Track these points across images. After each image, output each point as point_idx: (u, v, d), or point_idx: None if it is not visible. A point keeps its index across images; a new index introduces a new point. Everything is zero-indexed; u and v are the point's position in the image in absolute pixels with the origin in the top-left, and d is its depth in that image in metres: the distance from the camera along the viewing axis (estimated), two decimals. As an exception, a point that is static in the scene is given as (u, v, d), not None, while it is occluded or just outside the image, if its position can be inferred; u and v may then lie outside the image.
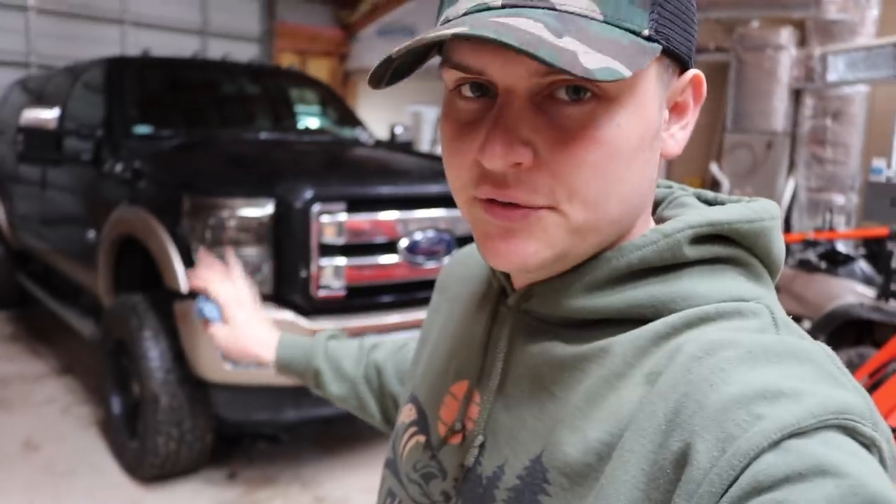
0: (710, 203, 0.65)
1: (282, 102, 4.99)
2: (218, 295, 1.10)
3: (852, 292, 3.74)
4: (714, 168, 6.63)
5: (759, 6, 6.10)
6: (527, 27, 0.48)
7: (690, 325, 0.54)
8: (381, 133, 5.42)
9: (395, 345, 1.03)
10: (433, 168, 3.71)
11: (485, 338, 0.66)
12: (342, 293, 3.03)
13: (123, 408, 3.36)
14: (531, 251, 0.55)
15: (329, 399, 1.05)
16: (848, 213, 5.98)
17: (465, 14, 0.53)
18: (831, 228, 4.60)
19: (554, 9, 0.51)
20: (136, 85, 4.22)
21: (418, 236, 3.22)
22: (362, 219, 3.10)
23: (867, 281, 3.95)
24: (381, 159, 4.07)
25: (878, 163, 5.47)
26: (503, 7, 0.52)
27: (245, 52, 8.19)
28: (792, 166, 6.42)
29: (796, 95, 6.25)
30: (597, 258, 0.58)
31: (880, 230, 4.09)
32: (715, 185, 6.71)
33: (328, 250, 3.01)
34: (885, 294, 3.71)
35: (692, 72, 0.59)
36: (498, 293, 0.68)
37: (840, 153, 5.99)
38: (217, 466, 3.36)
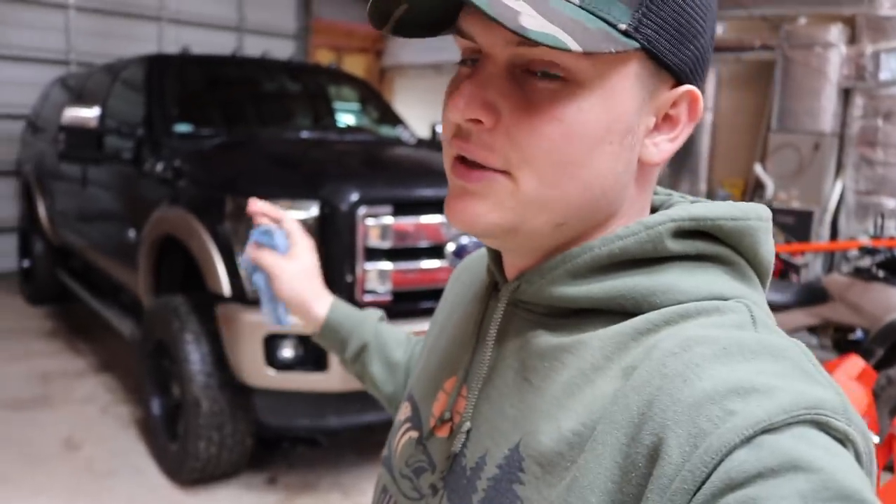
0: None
1: (322, 100, 4.94)
2: (288, 228, 1.04)
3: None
4: (758, 169, 6.48)
5: (807, 2, 5.95)
6: None
7: (670, 321, 0.55)
8: (420, 131, 5.35)
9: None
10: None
11: (475, 331, 0.68)
12: (388, 298, 2.97)
13: (163, 409, 3.33)
14: (479, 212, 0.57)
15: (359, 375, 1.03)
16: (899, 217, 5.81)
17: None
18: (881, 234, 4.46)
19: None
20: (175, 83, 4.18)
21: (464, 240, 3.14)
22: (408, 222, 3.03)
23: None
24: (425, 159, 3.99)
25: (934, 165, 5.30)
26: None
27: (281, 49, 8.16)
28: (840, 168, 6.25)
29: (846, 95, 6.09)
30: (580, 247, 0.59)
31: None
32: (759, 186, 6.56)
33: (374, 254, 2.95)
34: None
35: (686, 87, 0.58)
36: (490, 287, 0.69)
37: (892, 155, 5.83)
38: (257, 471, 3.32)
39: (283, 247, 1.01)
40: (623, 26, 0.53)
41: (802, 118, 6.20)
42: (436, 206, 3.11)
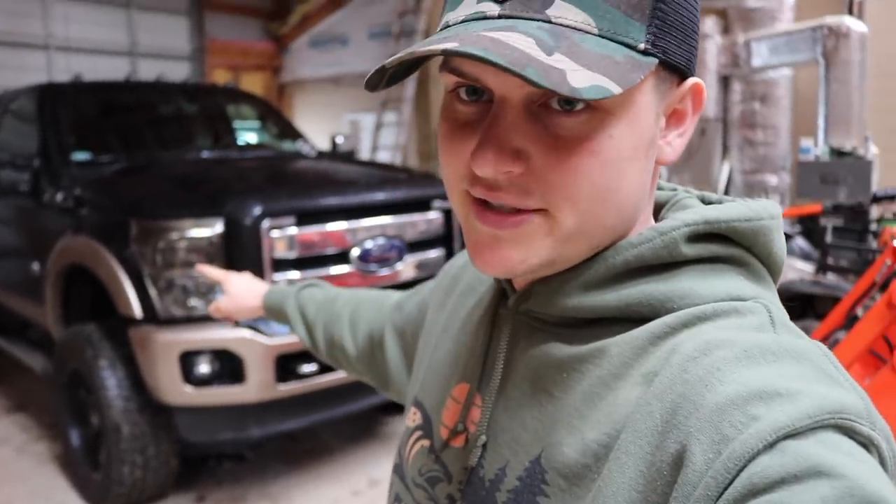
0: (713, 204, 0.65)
1: (221, 120, 4.95)
2: (218, 278, 1.33)
3: (792, 268, 3.88)
4: (651, 157, 6.78)
5: (682, -3, 6.26)
6: (517, 43, 0.49)
7: (687, 324, 0.54)
8: (321, 143, 5.42)
9: (354, 296, 1.15)
10: (378, 175, 3.74)
11: (485, 340, 0.67)
12: (299, 307, 3.03)
13: (83, 440, 3.31)
14: (517, 259, 0.56)
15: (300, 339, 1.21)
16: (782, 193, 6.19)
17: (463, 21, 0.55)
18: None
19: (549, 21, 0.51)
20: (70, 111, 4.14)
21: (369, 244, 3.24)
22: (313, 231, 3.11)
23: (805, 257, 4.11)
24: (326, 170, 4.08)
25: (807, 142, 5.67)
26: (500, 17, 0.53)
27: (177, 71, 8.08)
28: (725, 150, 6.61)
29: (725, 82, 6.44)
30: (594, 257, 0.58)
31: (813, 207, 4.25)
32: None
33: (281, 265, 3.02)
34: (822, 268, 3.87)
35: (692, 80, 0.58)
36: (499, 296, 0.68)
37: (770, 135, 6.20)
38: (185, 491, 3.33)
39: (220, 295, 1.35)
40: (642, 46, 0.52)
41: (687, 106, 6.53)
42: (339, 214, 3.20)
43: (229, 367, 2.91)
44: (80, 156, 3.85)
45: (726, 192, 6.56)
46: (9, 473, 3.57)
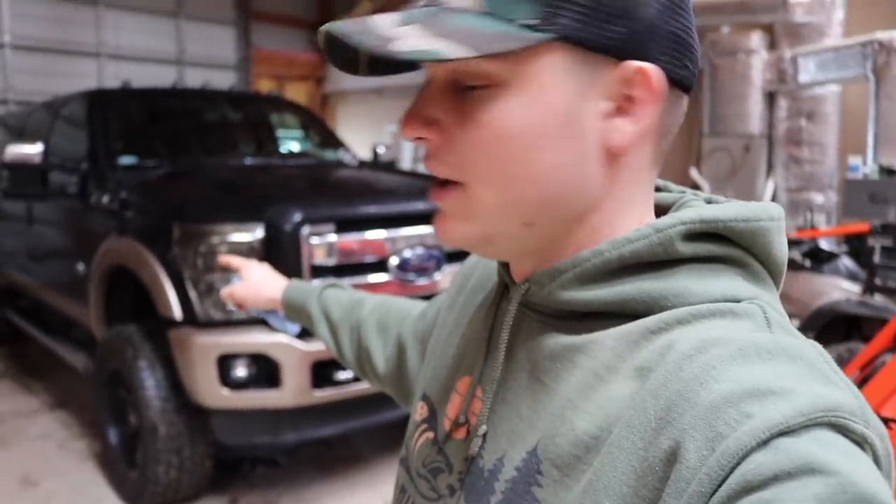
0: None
1: (264, 128, 5.02)
2: (237, 265, 1.33)
3: (838, 289, 3.80)
4: (694, 173, 6.71)
5: (728, 12, 6.20)
6: (378, 20, 0.56)
7: (682, 321, 0.54)
8: (363, 153, 5.46)
9: (382, 302, 1.12)
10: (418, 185, 3.75)
11: (487, 332, 0.68)
12: (336, 313, 3.05)
13: (121, 439, 3.35)
14: (451, 227, 0.61)
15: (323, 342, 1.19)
16: (828, 212, 6.07)
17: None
18: (813, 227, 4.68)
19: (436, 5, 0.57)
20: (118, 116, 4.22)
21: (407, 254, 3.25)
22: (352, 239, 3.13)
23: (851, 277, 4.02)
24: (366, 179, 4.10)
25: (854, 160, 5.56)
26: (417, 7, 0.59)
27: (223, 80, 8.21)
28: (770, 168, 6.51)
29: (770, 98, 6.35)
30: (590, 250, 0.58)
31: (861, 226, 4.16)
32: (695, 189, 6.78)
33: (319, 271, 3.04)
34: (869, 288, 3.78)
35: (632, 64, 0.56)
36: (501, 289, 0.70)
37: (816, 152, 6.09)
38: (218, 493, 3.36)
39: (234, 280, 1.33)
40: (532, 22, 0.54)
41: (732, 122, 6.45)
42: (378, 222, 3.21)
43: (266, 371, 2.93)
44: (127, 160, 3.93)
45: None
46: (50, 469, 3.63)
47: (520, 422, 0.60)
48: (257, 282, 1.27)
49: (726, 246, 0.58)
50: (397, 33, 0.54)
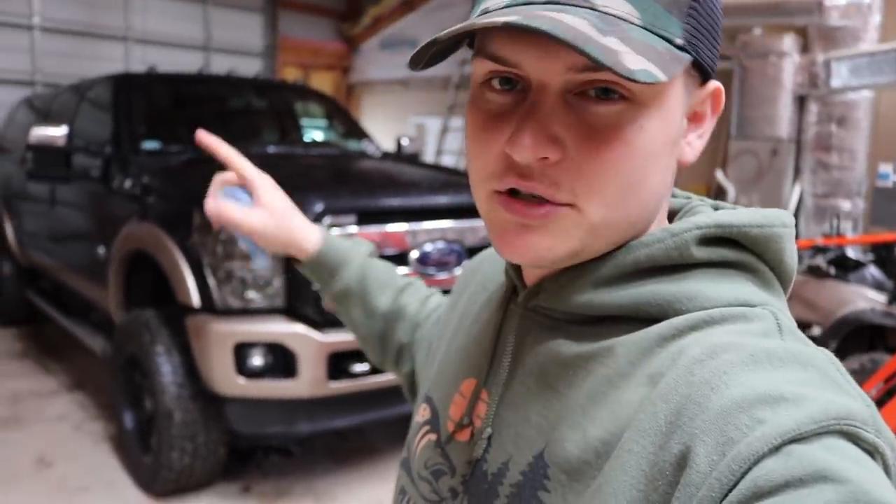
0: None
1: (288, 116, 5.01)
2: (246, 178, 1.00)
3: (863, 298, 3.73)
4: (719, 175, 6.63)
5: (761, 13, 6.11)
6: (574, 23, 0.49)
7: (695, 327, 0.54)
8: (387, 145, 5.44)
9: (422, 295, 1.03)
10: (441, 179, 3.72)
11: (493, 336, 0.67)
12: (354, 305, 3.03)
13: (136, 423, 3.36)
14: (545, 246, 0.56)
15: (338, 312, 1.04)
16: (855, 219, 5.98)
17: (506, 6, 0.54)
18: (839, 234, 4.60)
19: (595, 9, 0.52)
20: (143, 101, 4.23)
21: (428, 247, 3.23)
22: (372, 231, 3.10)
23: (877, 286, 3.95)
24: (389, 171, 4.08)
25: (885, 168, 5.46)
26: (546, 3, 0.53)
27: (249, 67, 8.23)
28: (797, 173, 6.42)
29: (800, 102, 6.26)
30: (605, 254, 0.58)
31: (889, 235, 4.09)
32: (721, 192, 6.71)
33: (339, 263, 3.01)
34: (895, 298, 3.71)
35: (714, 84, 0.60)
36: (510, 292, 0.68)
37: (846, 159, 6.00)
38: (231, 480, 3.36)
39: (246, 200, 0.99)
40: (679, 41, 0.53)
41: (760, 125, 6.36)
42: (399, 215, 3.19)
43: (282, 361, 2.92)
44: (150, 145, 3.93)
45: (796, 216, 6.38)
46: (65, 450, 3.65)
47: (528, 427, 0.59)
48: (281, 215, 0.97)
49: (739, 251, 0.58)
50: (612, 45, 0.49)
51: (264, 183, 1.00)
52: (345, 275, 0.99)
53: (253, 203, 0.98)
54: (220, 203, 0.96)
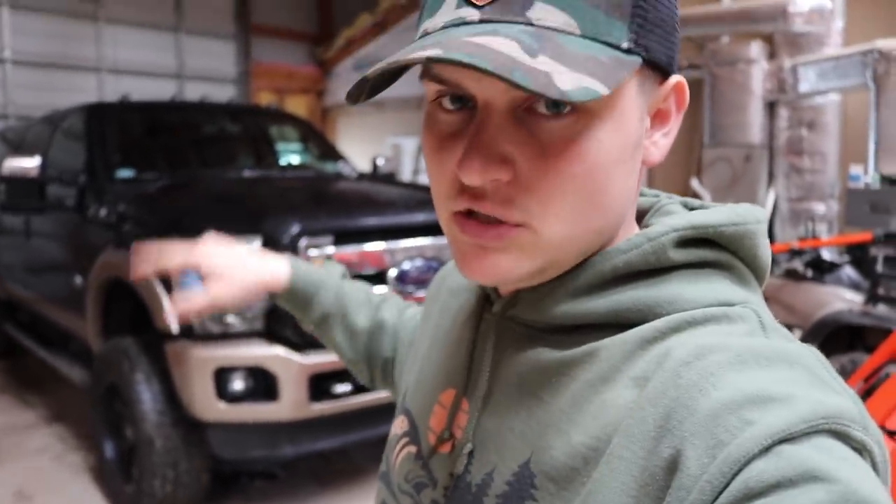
0: (695, 210, 0.65)
1: (263, 140, 5.01)
2: (185, 262, 0.95)
3: (840, 299, 3.77)
4: (695, 183, 6.69)
5: (728, 22, 6.20)
6: (500, 47, 0.48)
7: (677, 329, 0.54)
8: (363, 165, 5.45)
9: (399, 307, 1.03)
10: (417, 198, 3.73)
11: (471, 346, 0.66)
12: (334, 325, 3.02)
13: (117, 452, 3.32)
14: (506, 267, 0.55)
15: (321, 339, 1.03)
16: (829, 221, 6.05)
17: (442, 28, 0.53)
18: (814, 237, 4.65)
19: (531, 24, 0.50)
20: (116, 130, 4.22)
21: (406, 265, 3.23)
22: (350, 251, 3.10)
23: (854, 286, 3.99)
24: (365, 191, 4.08)
25: (856, 169, 5.53)
26: (480, 22, 0.51)
27: (222, 94, 8.23)
28: (771, 178, 6.49)
29: (771, 108, 6.34)
30: (582, 263, 0.58)
31: (863, 235, 4.14)
32: (696, 199, 6.77)
33: (318, 283, 3.01)
34: (872, 298, 3.75)
35: (674, 79, 0.58)
36: (483, 301, 0.67)
37: (818, 162, 6.07)
38: (215, 507, 3.32)
39: (195, 280, 0.95)
40: (625, 45, 0.52)
41: (732, 132, 6.43)
42: (377, 234, 3.19)
43: (263, 384, 2.91)
44: (125, 173, 3.92)
45: (772, 220, 6.44)
46: (46, 483, 3.60)
47: (511, 436, 0.58)
48: (235, 270, 0.95)
49: (715, 251, 0.58)
50: (543, 67, 0.47)
51: (205, 253, 0.96)
52: (321, 300, 0.99)
53: (204, 279, 0.94)
54: (181, 305, 0.92)
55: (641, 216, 0.65)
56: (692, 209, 0.64)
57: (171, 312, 0.94)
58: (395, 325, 1.00)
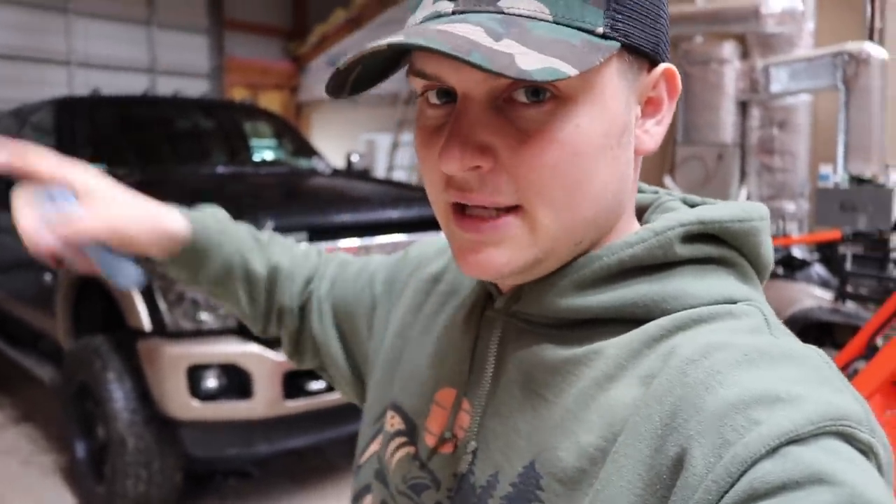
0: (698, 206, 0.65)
1: (236, 136, 4.97)
2: (68, 180, 0.78)
3: (810, 296, 3.83)
4: (668, 181, 6.74)
5: (701, 22, 6.25)
6: (465, 32, 0.48)
7: (683, 326, 0.54)
8: (338, 162, 5.43)
9: (324, 260, 0.97)
10: (392, 193, 3.73)
11: (471, 343, 0.65)
12: (309, 322, 3.01)
13: (88, 452, 3.28)
14: (502, 261, 0.55)
15: (220, 300, 0.91)
16: (800, 220, 6.12)
17: (421, 22, 0.55)
18: (785, 235, 4.71)
19: (501, 12, 0.51)
20: (86, 124, 4.17)
21: (382, 261, 3.21)
22: (324, 247, 3.08)
23: (823, 284, 4.05)
24: (339, 187, 4.07)
25: (825, 169, 5.62)
26: (453, 13, 0.53)
27: (195, 89, 8.15)
28: (743, 176, 6.56)
29: (743, 107, 6.40)
30: (586, 256, 0.57)
31: (832, 234, 4.20)
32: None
33: (292, 280, 2.99)
34: (841, 296, 3.81)
35: (663, 65, 0.58)
36: (485, 297, 0.66)
37: (788, 161, 6.15)
38: (188, 507, 3.30)
39: (69, 199, 0.76)
40: (601, 30, 0.52)
41: (705, 131, 6.49)
42: (351, 231, 3.18)
43: (237, 382, 2.88)
44: (96, 168, 3.86)
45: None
46: (14, 485, 3.54)
47: (516, 436, 0.58)
48: (118, 195, 0.81)
49: (720, 247, 0.58)
50: (506, 49, 0.48)
51: (82, 170, 0.80)
52: (224, 250, 0.87)
53: (81, 200, 0.77)
54: (59, 228, 0.72)
55: (641, 213, 0.65)
56: (692, 205, 0.64)
57: (42, 234, 0.72)
58: (292, 270, 0.92)
